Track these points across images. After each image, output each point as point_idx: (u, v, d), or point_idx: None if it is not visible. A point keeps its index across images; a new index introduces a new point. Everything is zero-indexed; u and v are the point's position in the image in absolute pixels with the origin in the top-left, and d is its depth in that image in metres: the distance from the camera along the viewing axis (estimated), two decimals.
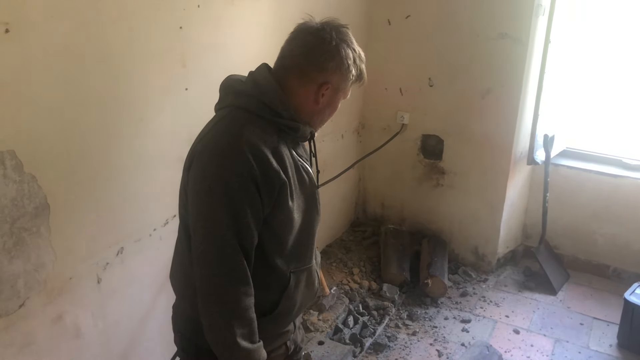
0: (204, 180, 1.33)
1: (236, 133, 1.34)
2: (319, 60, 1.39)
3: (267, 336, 1.50)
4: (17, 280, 1.72)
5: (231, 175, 1.30)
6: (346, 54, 1.39)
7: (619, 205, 3.40)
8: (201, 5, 2.17)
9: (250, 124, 1.36)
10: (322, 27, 1.41)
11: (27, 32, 1.59)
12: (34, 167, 1.69)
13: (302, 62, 1.40)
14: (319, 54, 1.39)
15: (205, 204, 1.33)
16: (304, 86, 1.41)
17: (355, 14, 3.27)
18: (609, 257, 3.51)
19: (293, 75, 1.42)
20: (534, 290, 3.39)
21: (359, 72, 1.45)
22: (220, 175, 1.30)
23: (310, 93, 1.42)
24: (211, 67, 2.31)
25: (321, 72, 1.39)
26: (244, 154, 1.30)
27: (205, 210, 1.33)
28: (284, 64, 1.44)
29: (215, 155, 1.33)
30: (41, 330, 1.83)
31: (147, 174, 2.12)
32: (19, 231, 1.69)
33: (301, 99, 1.42)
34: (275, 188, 1.35)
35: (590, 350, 2.88)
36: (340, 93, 1.46)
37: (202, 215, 1.34)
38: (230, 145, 1.32)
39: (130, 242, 2.11)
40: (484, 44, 3.20)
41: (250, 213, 1.32)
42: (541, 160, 3.39)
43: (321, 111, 1.47)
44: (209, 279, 1.34)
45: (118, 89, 1.92)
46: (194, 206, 1.36)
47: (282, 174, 1.35)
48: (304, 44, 1.41)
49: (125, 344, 2.20)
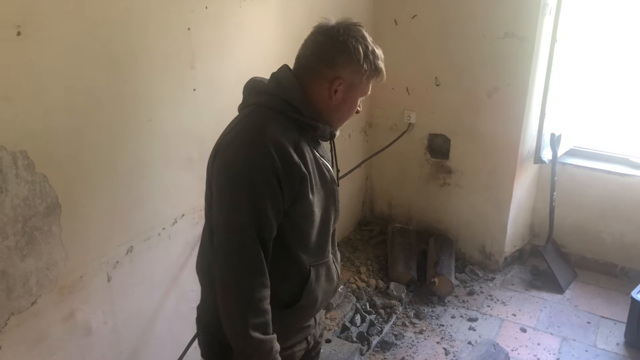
0: (227, 174, 1.37)
1: (259, 129, 1.38)
2: (328, 56, 1.42)
3: (290, 330, 1.54)
4: (29, 279, 1.75)
5: (254, 168, 1.34)
6: (355, 49, 1.41)
7: (627, 204, 3.40)
8: (209, 6, 2.19)
9: (272, 120, 1.41)
10: (333, 26, 1.45)
11: (38, 34, 1.61)
12: (46, 167, 1.71)
13: (313, 59, 1.44)
14: (328, 50, 1.42)
15: (228, 196, 1.37)
16: (317, 83, 1.45)
17: (362, 14, 3.28)
18: (616, 256, 3.50)
19: (307, 73, 1.45)
20: (541, 289, 3.40)
21: (373, 67, 1.45)
22: (243, 169, 1.35)
23: (323, 90, 1.45)
24: (219, 68, 2.33)
25: (331, 68, 1.42)
26: (266, 149, 1.34)
27: (228, 201, 1.38)
28: (299, 64, 1.48)
29: (239, 150, 1.37)
30: (53, 327, 1.86)
31: (156, 174, 2.14)
32: (31, 230, 1.72)
33: (317, 96, 1.45)
34: (296, 181, 1.38)
35: (597, 349, 2.88)
36: (356, 89, 1.48)
37: (225, 206, 1.38)
38: (254, 141, 1.37)
39: (140, 241, 2.14)
40: (490, 44, 3.21)
41: (270, 206, 1.36)
42: (548, 159, 3.39)
43: (337, 108, 1.49)
44: (227, 269, 1.38)
45: (127, 90, 1.95)
46: (217, 198, 1.41)
47: (302, 168, 1.38)
48: (315, 43, 1.45)
49: (135, 342, 2.22)
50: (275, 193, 1.36)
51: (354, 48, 1.41)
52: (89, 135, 1.84)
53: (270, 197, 1.35)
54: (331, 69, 1.42)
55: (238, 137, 1.40)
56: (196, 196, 2.37)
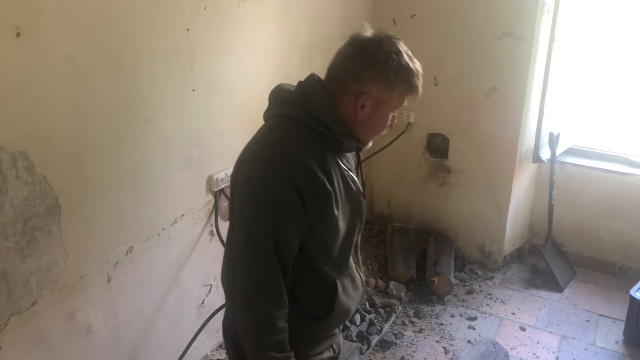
0: (249, 187, 1.34)
1: (283, 142, 1.35)
2: (356, 70, 1.36)
3: (319, 337, 1.53)
4: (30, 279, 1.75)
5: (275, 183, 1.30)
6: (385, 64, 1.34)
7: (625, 202, 3.40)
8: (208, 7, 2.20)
9: (297, 133, 1.37)
10: (367, 38, 1.39)
11: (37, 35, 1.62)
12: (45, 168, 1.72)
13: (341, 72, 1.39)
14: (356, 63, 1.36)
15: (248, 209, 1.34)
16: (344, 97, 1.38)
17: (360, 13, 3.28)
18: (615, 255, 3.51)
19: (335, 86, 1.40)
20: (540, 288, 3.40)
21: (406, 83, 1.38)
22: (265, 183, 1.31)
23: (350, 104, 1.38)
24: (218, 69, 2.33)
25: (358, 83, 1.36)
26: (289, 163, 1.31)
27: (248, 214, 1.34)
28: (329, 75, 1.42)
29: (261, 164, 1.34)
30: (53, 328, 1.86)
31: (155, 174, 2.15)
32: (31, 231, 1.72)
33: (344, 110, 1.39)
34: (320, 198, 1.34)
35: (597, 347, 2.88)
36: (385, 105, 1.40)
37: (244, 219, 1.35)
38: (277, 154, 1.33)
39: (140, 241, 2.14)
40: (488, 43, 3.21)
41: (291, 222, 1.33)
42: (547, 158, 3.39)
43: (364, 123, 1.41)
44: (243, 283, 1.35)
45: (127, 91, 1.95)
46: (239, 210, 1.38)
47: (327, 184, 1.34)
48: (345, 55, 1.39)
49: (135, 342, 2.23)
50: (296, 209, 1.32)
51: (384, 63, 1.34)
52: (89, 136, 1.85)
53: (291, 213, 1.32)
54: (358, 83, 1.36)
55: (262, 151, 1.37)
56: (196, 196, 2.38)
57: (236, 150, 2.56)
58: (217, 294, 2.62)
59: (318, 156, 1.35)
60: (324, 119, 1.37)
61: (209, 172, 2.41)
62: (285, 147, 1.34)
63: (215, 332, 2.67)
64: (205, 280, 2.54)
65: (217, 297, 2.62)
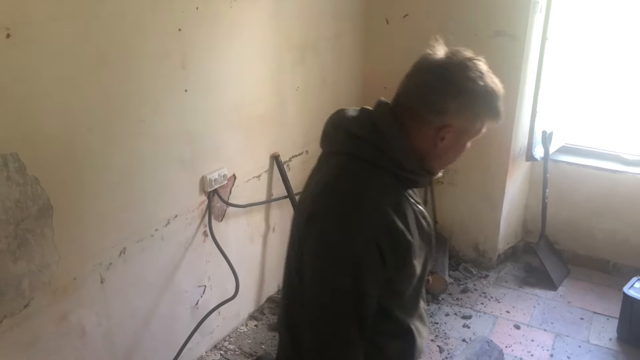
0: (323, 244, 1.21)
1: (359, 193, 1.21)
2: (437, 101, 1.22)
3: None
4: (22, 281, 1.74)
5: (354, 241, 1.18)
6: (472, 93, 1.21)
7: (618, 200, 3.41)
8: (200, 7, 2.19)
9: (370, 178, 1.23)
10: (444, 63, 1.25)
11: (28, 35, 1.61)
12: (37, 169, 1.71)
13: (418, 103, 1.24)
14: (436, 94, 1.22)
15: (323, 270, 1.22)
16: (421, 130, 1.24)
17: (353, 13, 3.28)
18: (608, 252, 3.52)
19: (409, 117, 1.25)
20: (535, 286, 3.41)
21: (493, 111, 1.25)
22: (342, 241, 1.19)
23: (427, 137, 1.24)
24: (210, 69, 2.33)
25: (440, 115, 1.22)
26: (367, 217, 1.19)
27: (324, 276, 1.22)
28: (399, 103, 1.28)
29: (338, 219, 1.20)
30: (46, 330, 1.86)
31: (148, 175, 2.14)
32: (23, 233, 1.71)
33: (419, 143, 1.25)
34: (401, 251, 1.23)
35: (591, 345, 2.89)
36: (467, 134, 1.27)
37: (320, 281, 1.23)
38: (352, 207, 1.20)
39: (133, 243, 2.14)
40: (481, 42, 3.21)
41: (373, 283, 1.21)
42: (540, 157, 3.40)
43: (442, 155, 1.29)
44: (318, 351, 1.24)
45: (118, 91, 1.95)
46: (311, 269, 1.25)
47: (407, 235, 1.22)
48: (421, 83, 1.25)
49: (129, 343, 2.22)
50: (377, 266, 1.20)
51: (470, 92, 1.21)
52: (81, 137, 1.84)
53: (373, 274, 1.20)
54: (440, 116, 1.21)
55: (336, 202, 1.22)
56: (189, 197, 2.37)
57: (229, 151, 2.57)
58: (211, 294, 2.62)
59: (393, 202, 1.23)
60: (398, 158, 1.24)
61: (202, 172, 2.40)
62: (361, 198, 1.20)
63: (209, 333, 2.66)
64: (199, 281, 2.54)
65: (211, 298, 2.61)
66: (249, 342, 2.81)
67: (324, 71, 3.11)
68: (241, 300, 2.76)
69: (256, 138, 2.71)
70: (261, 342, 2.81)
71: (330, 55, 3.13)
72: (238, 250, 2.73)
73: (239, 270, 2.58)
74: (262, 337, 2.85)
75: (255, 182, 2.77)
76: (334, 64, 3.19)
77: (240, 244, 2.77)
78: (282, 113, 2.86)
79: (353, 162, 1.25)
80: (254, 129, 2.67)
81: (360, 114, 1.33)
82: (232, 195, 2.61)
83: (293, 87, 2.89)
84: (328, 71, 3.15)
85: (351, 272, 1.18)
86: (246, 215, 2.76)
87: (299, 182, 3.09)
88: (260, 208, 2.88)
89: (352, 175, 1.24)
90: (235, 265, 2.55)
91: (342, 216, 1.19)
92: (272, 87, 2.74)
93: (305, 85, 2.97)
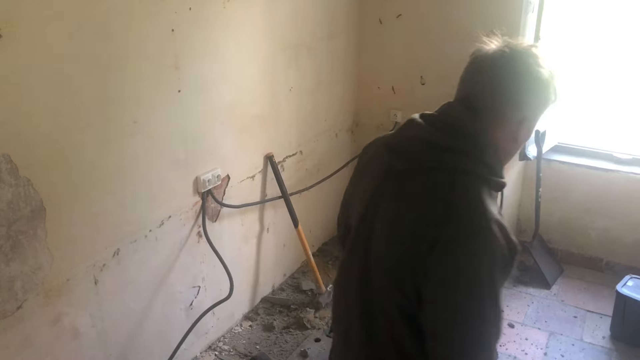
0: (462, 271, 1.12)
1: (481, 209, 1.14)
2: (513, 95, 1.20)
3: None
4: (15, 283, 1.74)
5: (490, 260, 1.12)
6: (542, 81, 1.20)
7: (611, 199, 3.43)
8: (193, 7, 2.19)
9: (482, 192, 1.17)
10: (510, 56, 1.21)
11: (20, 36, 1.61)
12: (30, 170, 1.70)
13: (496, 101, 1.21)
14: (513, 89, 1.20)
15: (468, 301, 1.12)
16: (502, 128, 1.22)
17: (346, 13, 3.29)
18: (601, 251, 3.54)
19: (491, 117, 1.21)
20: (528, 285, 3.42)
21: (556, 92, 1.24)
22: (481, 263, 1.12)
23: (509, 134, 1.23)
24: (204, 69, 2.33)
25: (519, 110, 1.21)
26: (495, 233, 1.12)
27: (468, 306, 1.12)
28: (474, 105, 1.23)
29: (471, 241, 1.12)
30: (39, 331, 1.85)
31: (142, 176, 2.14)
32: (16, 234, 1.71)
33: (502, 142, 1.23)
34: (515, 261, 1.18)
35: (584, 343, 2.91)
36: (536, 122, 1.27)
37: (463, 313, 1.12)
38: (481, 229, 1.13)
39: (126, 244, 2.13)
40: (475, 42, 3.22)
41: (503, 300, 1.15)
42: (533, 156, 3.41)
43: (512, 151, 1.27)
44: None
45: (111, 92, 1.94)
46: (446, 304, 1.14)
47: (517, 244, 1.18)
48: (493, 80, 1.21)
49: (123, 344, 2.22)
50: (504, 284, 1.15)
51: (542, 81, 1.19)
52: (73, 138, 1.84)
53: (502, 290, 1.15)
54: (519, 110, 1.20)
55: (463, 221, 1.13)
56: (183, 198, 2.37)
57: (223, 151, 2.56)
58: (206, 295, 2.61)
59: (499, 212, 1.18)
60: (494, 166, 1.20)
61: (195, 173, 2.40)
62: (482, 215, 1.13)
63: (204, 333, 2.66)
64: (193, 281, 2.53)
65: (205, 299, 2.61)
66: (243, 343, 2.81)
67: (318, 71, 3.11)
68: (235, 301, 2.76)
69: (250, 138, 2.71)
70: (255, 343, 2.81)
71: (324, 56, 3.13)
72: (232, 250, 2.73)
73: (233, 270, 2.58)
74: (256, 337, 2.85)
75: (249, 182, 2.77)
76: (328, 64, 3.19)
77: (235, 244, 2.77)
78: (276, 113, 2.86)
79: (462, 178, 1.17)
80: (248, 129, 2.67)
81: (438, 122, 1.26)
82: (226, 196, 2.61)
83: (287, 87, 2.89)
84: (322, 71, 3.15)
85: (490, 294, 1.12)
86: (240, 215, 2.76)
87: (293, 183, 3.09)
88: (254, 208, 2.88)
89: (468, 191, 1.16)
90: (230, 265, 2.55)
91: (474, 236, 1.13)
92: (266, 88, 2.74)
93: (299, 85, 2.97)
